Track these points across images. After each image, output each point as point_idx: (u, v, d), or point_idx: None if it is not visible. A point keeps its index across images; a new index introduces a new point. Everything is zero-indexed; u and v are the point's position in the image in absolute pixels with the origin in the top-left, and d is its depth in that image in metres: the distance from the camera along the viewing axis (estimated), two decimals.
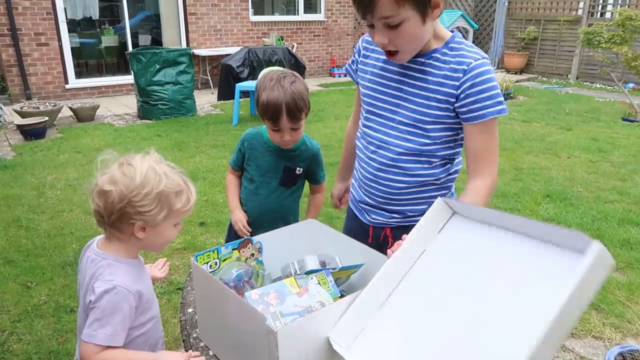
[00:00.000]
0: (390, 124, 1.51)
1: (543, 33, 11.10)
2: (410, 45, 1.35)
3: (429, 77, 1.41)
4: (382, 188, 1.57)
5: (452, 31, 1.45)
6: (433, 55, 1.40)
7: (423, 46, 1.39)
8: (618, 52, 7.21)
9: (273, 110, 1.76)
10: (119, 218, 1.20)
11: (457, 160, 1.57)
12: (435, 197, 1.52)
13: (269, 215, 1.98)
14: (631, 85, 8.95)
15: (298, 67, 8.85)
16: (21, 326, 2.51)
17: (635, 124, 6.81)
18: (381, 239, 1.66)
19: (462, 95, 1.37)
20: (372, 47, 1.55)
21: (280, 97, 1.74)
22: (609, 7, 10.57)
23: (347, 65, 1.71)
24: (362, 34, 1.52)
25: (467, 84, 1.35)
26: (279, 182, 1.97)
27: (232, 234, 2.08)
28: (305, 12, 10.83)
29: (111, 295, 1.18)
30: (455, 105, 1.39)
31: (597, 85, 10.11)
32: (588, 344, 2.40)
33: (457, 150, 1.54)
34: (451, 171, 1.56)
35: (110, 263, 1.24)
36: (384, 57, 1.48)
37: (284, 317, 1.41)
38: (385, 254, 1.58)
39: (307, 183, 2.06)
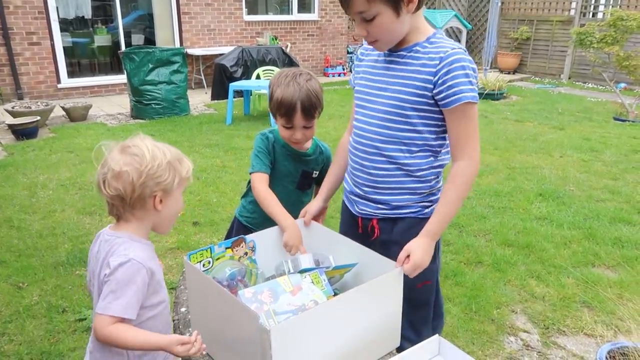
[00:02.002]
0: (372, 113, 1.59)
1: (536, 33, 11.16)
2: (387, 36, 1.46)
3: (408, 67, 1.51)
4: (367, 176, 1.63)
5: (437, 29, 1.53)
6: (414, 48, 1.50)
7: (405, 39, 1.49)
8: (610, 52, 7.26)
9: (287, 106, 1.75)
10: (140, 194, 1.27)
11: (441, 156, 1.60)
12: (419, 188, 1.59)
13: None
14: (623, 85, 9.02)
15: (292, 66, 8.83)
16: (12, 327, 2.49)
17: (627, 123, 6.87)
18: (369, 229, 1.69)
19: (439, 82, 1.44)
20: (367, 52, 1.66)
21: (295, 94, 1.74)
22: (601, 8, 10.64)
23: (351, 79, 1.78)
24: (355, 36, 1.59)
25: (444, 70, 1.43)
26: (296, 185, 1.95)
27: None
28: (299, 11, 10.83)
29: (126, 267, 1.23)
30: (433, 91, 1.46)
31: (589, 85, 10.18)
32: (580, 341, 2.42)
33: (440, 142, 1.57)
34: (435, 164, 1.60)
35: (124, 241, 1.30)
36: (375, 57, 1.60)
37: (278, 316, 1.41)
38: (372, 244, 1.63)
39: None
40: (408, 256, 1.46)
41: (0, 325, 2.51)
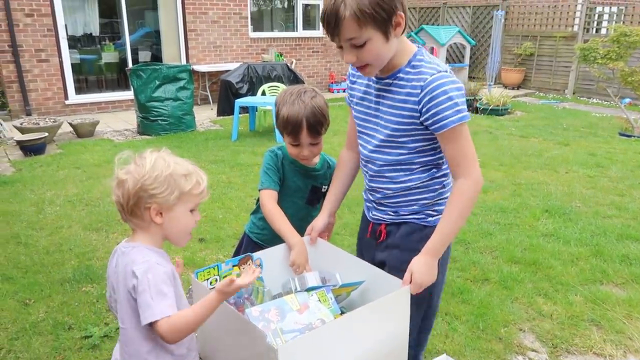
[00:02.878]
0: (372, 141, 1.64)
1: (539, 49, 11.22)
2: (376, 61, 1.46)
3: (396, 96, 1.53)
4: (376, 194, 1.70)
5: (419, 46, 1.55)
6: (397, 75, 1.52)
7: (389, 65, 1.50)
8: (614, 68, 7.28)
9: (293, 125, 1.77)
10: (135, 203, 1.29)
11: (445, 165, 1.62)
12: (423, 198, 1.62)
13: None
14: (627, 100, 9.02)
15: (297, 82, 8.91)
16: (19, 344, 2.49)
17: (632, 138, 6.85)
18: (377, 234, 1.74)
19: (423, 110, 1.47)
20: (357, 74, 1.67)
21: (301, 112, 1.76)
22: (604, 24, 10.70)
23: (346, 97, 1.80)
24: None
25: (426, 98, 1.45)
26: (306, 201, 1.96)
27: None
28: (304, 28, 10.95)
29: (153, 272, 1.25)
30: (421, 119, 1.50)
31: (594, 101, 10.19)
32: None
33: (440, 155, 1.59)
34: (438, 175, 1.63)
35: (141, 249, 1.32)
36: (366, 82, 1.64)
37: (285, 334, 1.40)
38: (377, 248, 1.71)
39: None
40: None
41: (7, 342, 2.51)
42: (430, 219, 1.63)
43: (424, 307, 1.69)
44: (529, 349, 2.48)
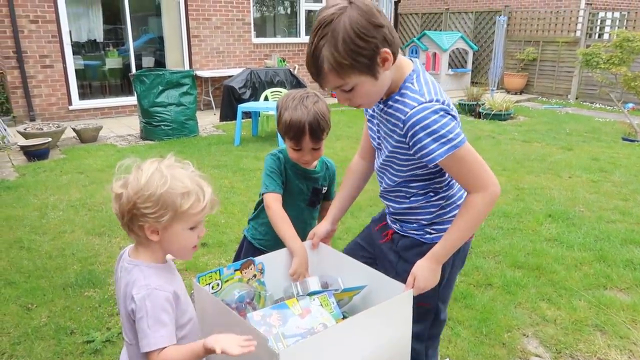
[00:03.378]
0: (379, 159, 1.66)
1: (542, 54, 11.23)
2: (370, 100, 1.44)
3: (388, 124, 1.51)
4: (386, 208, 1.77)
5: (414, 66, 1.47)
6: (388, 103, 1.48)
7: (388, 90, 1.45)
8: (617, 73, 7.27)
9: (296, 130, 1.77)
10: (130, 220, 1.24)
11: (442, 190, 1.60)
12: (422, 219, 1.63)
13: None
14: (630, 105, 9.01)
15: (299, 88, 8.93)
16: (21, 349, 2.49)
17: (636, 143, 6.84)
18: (383, 234, 1.77)
19: (410, 144, 1.43)
20: None
21: (303, 117, 1.76)
22: (607, 29, 10.70)
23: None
24: None
25: (409, 135, 1.40)
26: (307, 203, 1.98)
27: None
28: (307, 34, 10.98)
29: (152, 298, 1.21)
30: (411, 151, 1.45)
31: (597, 105, 10.18)
32: None
33: (438, 180, 1.57)
34: (434, 198, 1.61)
35: (141, 269, 1.27)
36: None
37: (287, 339, 1.40)
38: (378, 246, 1.76)
39: None
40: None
41: (9, 346, 2.51)
42: (428, 236, 1.64)
43: (427, 322, 1.71)
44: (532, 354, 2.46)
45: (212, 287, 1.59)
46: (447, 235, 1.50)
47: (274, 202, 1.84)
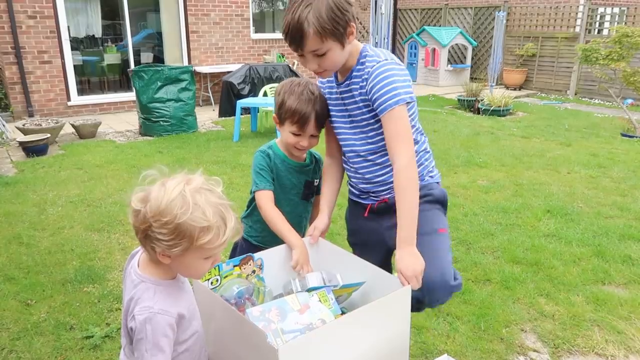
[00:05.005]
0: (351, 136, 1.81)
1: (541, 50, 11.21)
2: (335, 66, 1.67)
3: (354, 93, 1.72)
4: (361, 178, 1.89)
5: (363, 43, 1.74)
6: (351, 75, 1.71)
7: (344, 68, 1.70)
8: (616, 69, 7.27)
9: (301, 115, 1.81)
10: (144, 238, 1.19)
11: (418, 145, 1.78)
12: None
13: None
14: (630, 101, 9.00)
15: None
16: (20, 344, 2.50)
17: (635, 139, 6.84)
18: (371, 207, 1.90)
19: (370, 96, 1.65)
20: (323, 85, 1.88)
21: (310, 103, 1.81)
22: (606, 24, 10.69)
23: None
24: None
25: (370, 86, 1.63)
26: (301, 196, 1.99)
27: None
28: None
29: (153, 324, 1.18)
30: (372, 106, 1.66)
31: (596, 101, 10.18)
32: None
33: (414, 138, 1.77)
34: (420, 150, 1.81)
35: (148, 287, 1.23)
36: (329, 91, 1.84)
37: (285, 335, 1.41)
38: (366, 216, 1.88)
39: None
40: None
41: (9, 342, 2.51)
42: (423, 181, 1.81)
43: (449, 246, 1.78)
44: (530, 350, 2.47)
45: (212, 283, 1.59)
46: (401, 218, 1.56)
47: (266, 201, 1.85)
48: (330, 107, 1.85)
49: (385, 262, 1.93)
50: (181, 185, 1.16)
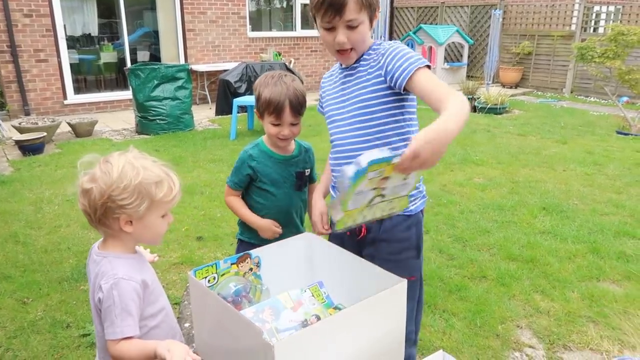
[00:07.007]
0: (343, 122, 1.70)
1: (537, 48, 11.23)
2: (362, 44, 1.63)
3: (360, 74, 1.66)
4: None
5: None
6: (360, 58, 1.67)
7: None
8: (611, 67, 7.29)
9: (276, 104, 1.85)
10: (103, 214, 1.26)
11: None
12: None
13: (284, 217, 2.04)
14: (625, 98, 9.03)
15: None
16: (17, 342, 2.50)
17: (630, 137, 6.87)
18: (356, 231, 1.76)
19: (387, 69, 1.56)
20: (327, 79, 1.84)
21: (283, 92, 1.85)
22: (602, 23, 10.71)
23: (318, 107, 1.91)
24: None
25: (386, 60, 1.57)
26: (295, 188, 2.03)
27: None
28: (302, 27, 10.95)
29: (119, 289, 1.23)
30: (387, 81, 1.57)
31: (592, 99, 10.20)
32: (585, 357, 2.40)
33: (408, 130, 1.66)
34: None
35: (110, 260, 1.29)
36: (333, 79, 1.79)
37: (280, 333, 1.41)
38: (360, 243, 1.76)
39: None
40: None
41: (5, 340, 2.51)
42: (411, 207, 1.68)
43: (416, 296, 1.75)
44: (526, 346, 2.49)
45: (209, 281, 1.60)
46: (445, 113, 1.30)
47: (228, 193, 2.10)
48: (327, 99, 1.80)
49: None
50: (124, 156, 1.28)
